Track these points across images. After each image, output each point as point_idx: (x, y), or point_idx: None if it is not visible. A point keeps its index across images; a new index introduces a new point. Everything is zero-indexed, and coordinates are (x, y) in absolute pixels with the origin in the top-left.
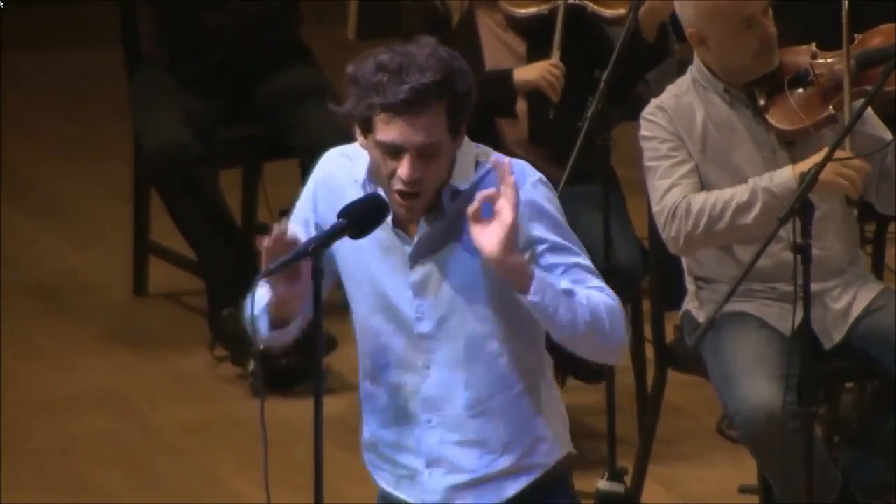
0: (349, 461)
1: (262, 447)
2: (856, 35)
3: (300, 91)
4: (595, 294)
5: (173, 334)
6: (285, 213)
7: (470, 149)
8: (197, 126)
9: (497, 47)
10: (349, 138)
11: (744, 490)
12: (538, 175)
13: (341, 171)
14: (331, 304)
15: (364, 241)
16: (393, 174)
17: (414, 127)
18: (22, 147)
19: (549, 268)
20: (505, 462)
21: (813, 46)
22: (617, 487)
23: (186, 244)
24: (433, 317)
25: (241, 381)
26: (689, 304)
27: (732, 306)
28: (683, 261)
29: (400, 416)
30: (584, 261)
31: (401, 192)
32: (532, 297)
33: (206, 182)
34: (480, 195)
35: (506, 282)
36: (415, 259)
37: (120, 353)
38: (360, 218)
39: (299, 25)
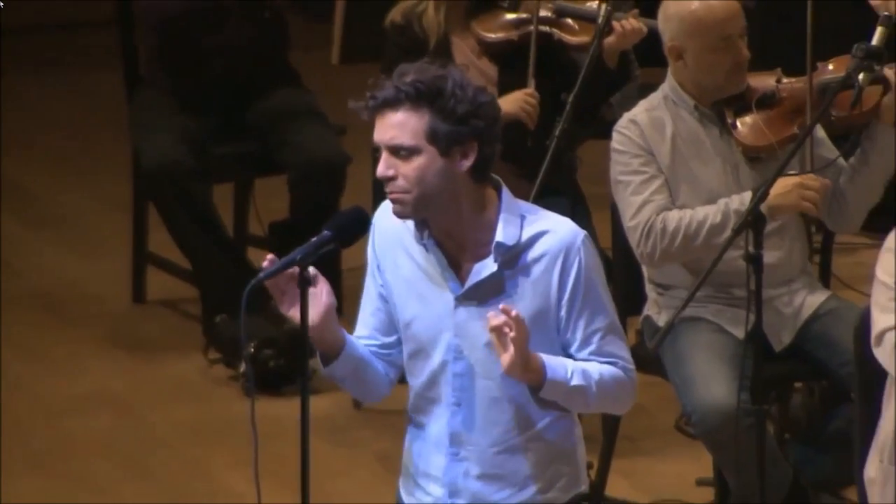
0: (333, 456)
1: (253, 444)
2: (818, 62)
3: (288, 111)
4: (608, 373)
5: (170, 339)
6: (275, 225)
7: (515, 207)
8: (192, 144)
9: (470, 71)
10: (334, 155)
11: (701, 483)
12: (583, 234)
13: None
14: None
15: (417, 276)
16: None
17: (387, 125)
18: (25, 163)
19: (590, 325)
20: (524, 496)
21: (779, 71)
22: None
23: (182, 255)
24: (469, 358)
25: (233, 383)
26: (650, 309)
27: (689, 311)
28: (644, 269)
29: (429, 446)
30: (613, 322)
31: (389, 195)
32: (542, 394)
33: (201, 196)
34: (496, 323)
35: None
36: (461, 301)
37: (119, 356)
38: (343, 230)
39: (288, 50)
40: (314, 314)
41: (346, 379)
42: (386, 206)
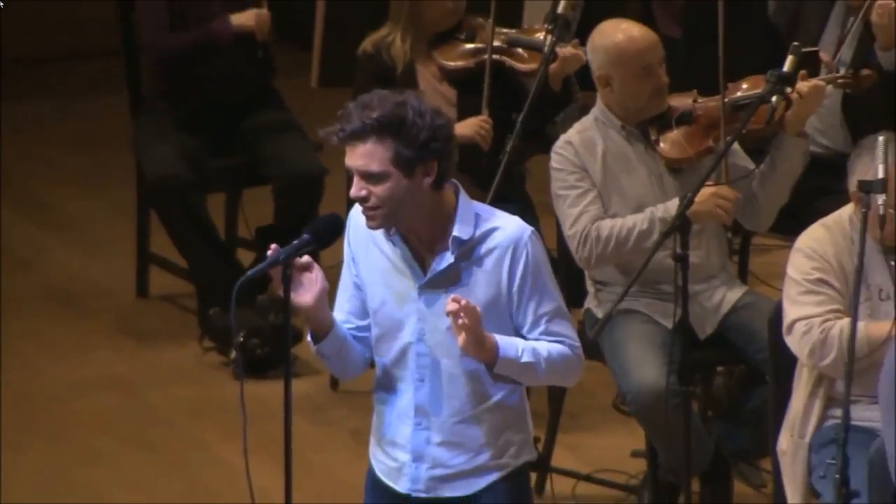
0: (313, 432)
1: (242, 422)
2: (729, 83)
3: (273, 130)
4: (556, 350)
5: (169, 329)
6: (261, 229)
7: (470, 206)
8: (189, 159)
9: (433, 95)
10: (313, 168)
11: (635, 454)
12: (530, 230)
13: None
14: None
15: (384, 266)
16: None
17: (357, 154)
18: (42, 176)
19: (539, 310)
20: (479, 461)
21: (695, 92)
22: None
23: (180, 255)
24: (431, 339)
25: (225, 368)
26: (590, 303)
27: (624, 305)
28: None
29: (396, 417)
30: (560, 306)
31: (364, 212)
32: (496, 370)
33: (196, 204)
34: (452, 309)
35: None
36: (424, 289)
37: (124, 344)
38: (320, 233)
39: (272, 76)
40: (310, 296)
41: (332, 356)
42: (359, 208)
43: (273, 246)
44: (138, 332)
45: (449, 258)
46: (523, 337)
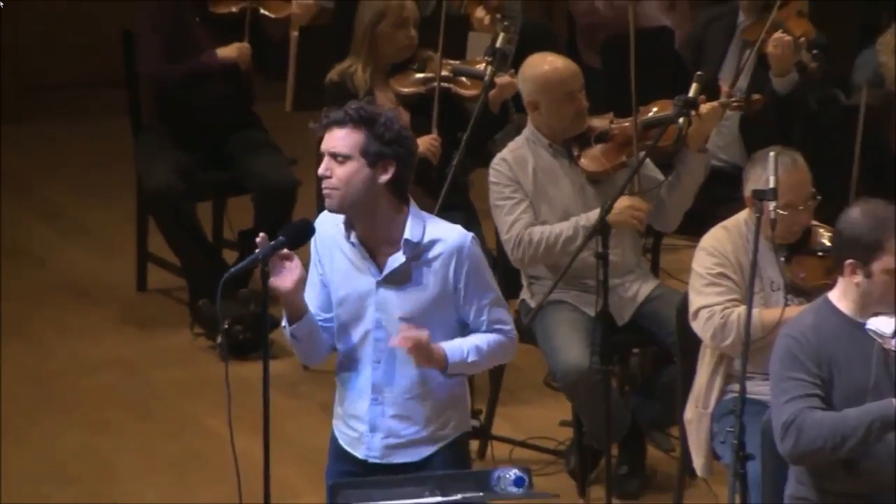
0: (287, 405)
1: (227, 396)
2: (641, 107)
3: (252, 148)
4: (494, 340)
5: (165, 318)
6: (243, 232)
7: (420, 215)
8: (181, 172)
9: None
10: (287, 180)
11: (563, 424)
12: (471, 236)
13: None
14: (274, 296)
15: (345, 265)
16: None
17: (332, 137)
18: (57, 188)
19: (481, 303)
20: (426, 432)
21: (611, 115)
22: (474, 422)
23: (174, 255)
24: (386, 327)
25: (212, 350)
26: (524, 294)
27: (554, 296)
28: None
29: (356, 394)
30: (499, 294)
31: (324, 188)
32: (449, 372)
33: (188, 211)
34: (403, 343)
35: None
36: (380, 285)
37: (127, 330)
38: (293, 236)
39: (252, 102)
40: (289, 281)
41: (303, 339)
42: (324, 216)
43: (262, 235)
44: (138, 321)
45: (401, 258)
46: (468, 324)
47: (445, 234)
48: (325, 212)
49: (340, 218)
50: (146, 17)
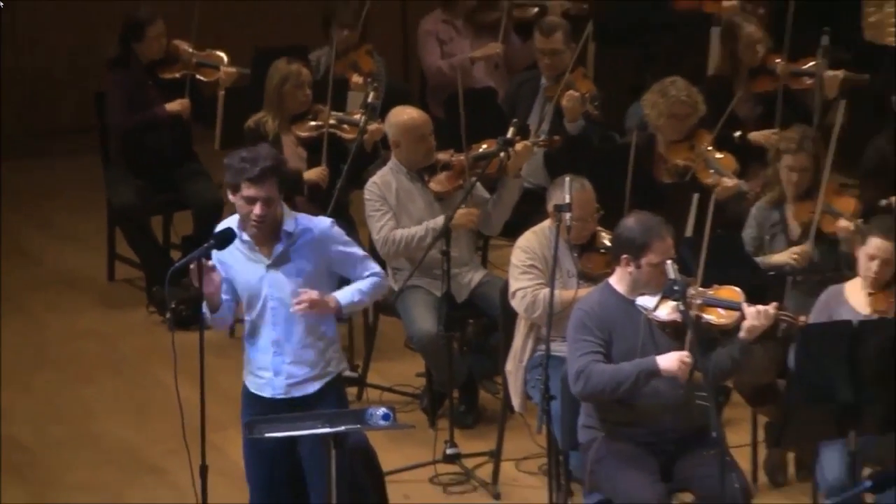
0: (217, 363)
1: (173, 358)
2: (473, 144)
3: (192, 176)
4: (369, 281)
5: (128, 300)
6: (185, 238)
7: (293, 214)
8: (140, 195)
9: (292, 154)
10: (216, 200)
11: (418, 375)
12: (331, 221)
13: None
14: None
15: (241, 259)
16: (250, 213)
17: (261, 188)
18: (51, 206)
19: (354, 261)
20: (314, 372)
21: (451, 151)
22: (354, 374)
23: (134, 254)
24: (279, 299)
25: (163, 324)
26: (390, 280)
27: (411, 282)
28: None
29: (261, 351)
30: (365, 253)
31: (256, 222)
32: (344, 311)
33: (144, 223)
34: (299, 308)
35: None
36: (270, 268)
37: (101, 309)
38: (220, 240)
39: (191, 143)
40: (213, 287)
41: (217, 319)
42: (223, 223)
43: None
44: (109, 302)
45: (280, 247)
46: (352, 280)
47: (313, 224)
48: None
49: (226, 225)
50: (113, 81)
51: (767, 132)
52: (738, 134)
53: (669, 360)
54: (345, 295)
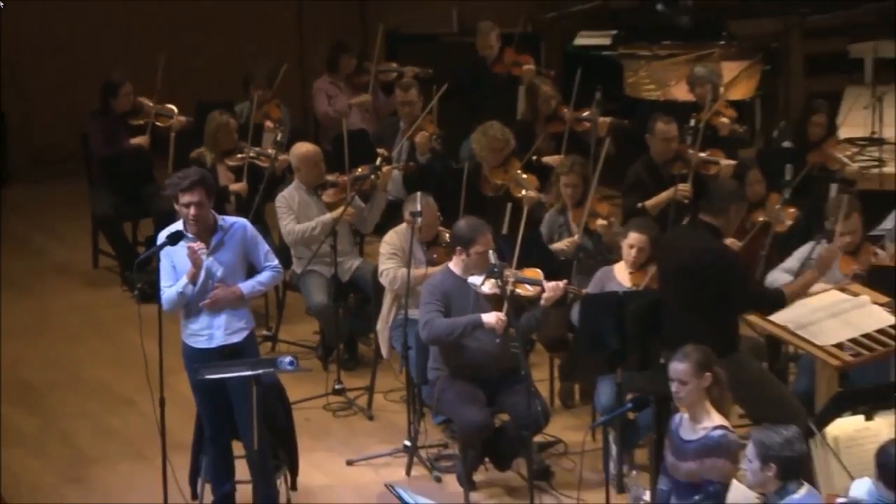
0: (173, 328)
1: (139, 324)
2: (353, 168)
3: (152, 193)
4: (267, 274)
5: (108, 282)
6: (148, 237)
7: (224, 217)
8: (115, 206)
9: (224, 179)
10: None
11: (315, 333)
12: (245, 220)
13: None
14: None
15: (185, 252)
16: (188, 215)
17: (193, 195)
18: (52, 214)
19: (263, 253)
20: (239, 325)
21: (337, 173)
22: (268, 332)
23: (112, 249)
24: (215, 278)
25: (132, 300)
26: (294, 266)
27: (311, 267)
28: (291, 249)
29: (202, 317)
30: (269, 250)
31: (193, 221)
32: (246, 298)
33: (119, 227)
34: (209, 303)
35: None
36: (209, 255)
37: (88, 288)
38: (173, 239)
39: (152, 168)
40: (198, 267)
41: (191, 292)
42: (167, 230)
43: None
44: (94, 283)
45: (216, 238)
46: (257, 268)
47: (239, 222)
48: (167, 229)
49: (175, 229)
50: (96, 126)
51: (557, 157)
52: (535, 157)
53: (490, 316)
54: (247, 286)
